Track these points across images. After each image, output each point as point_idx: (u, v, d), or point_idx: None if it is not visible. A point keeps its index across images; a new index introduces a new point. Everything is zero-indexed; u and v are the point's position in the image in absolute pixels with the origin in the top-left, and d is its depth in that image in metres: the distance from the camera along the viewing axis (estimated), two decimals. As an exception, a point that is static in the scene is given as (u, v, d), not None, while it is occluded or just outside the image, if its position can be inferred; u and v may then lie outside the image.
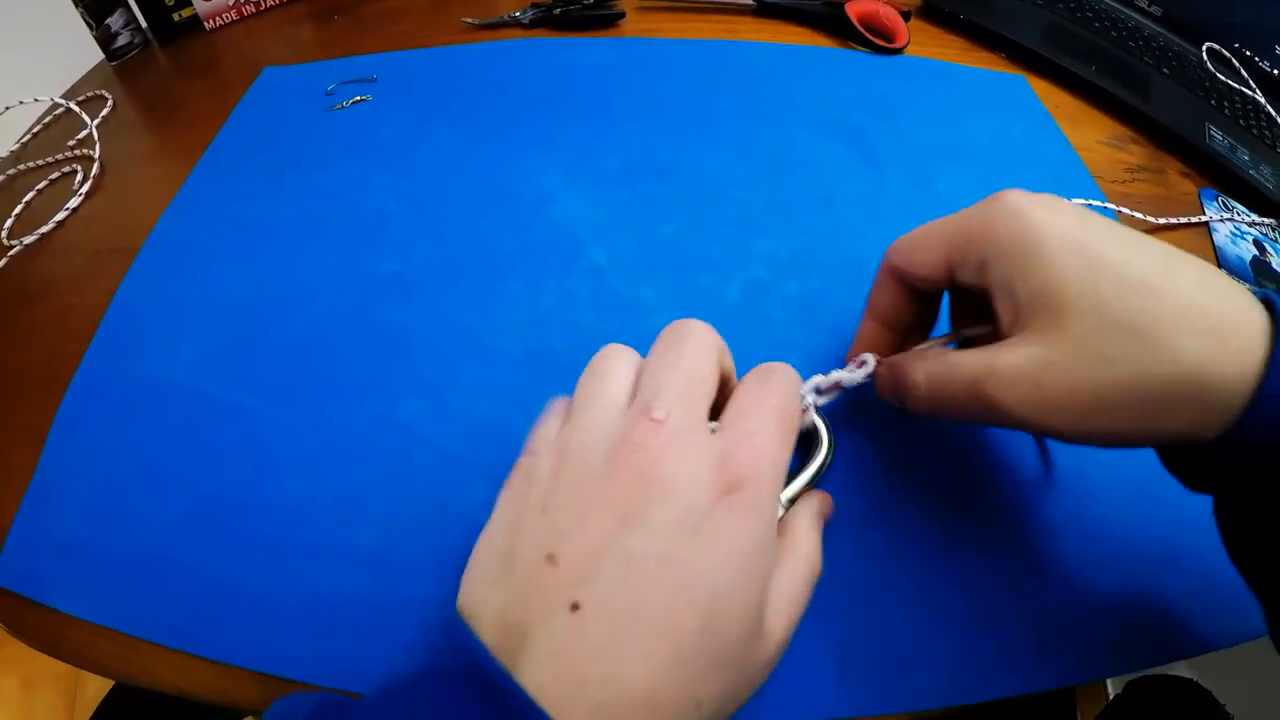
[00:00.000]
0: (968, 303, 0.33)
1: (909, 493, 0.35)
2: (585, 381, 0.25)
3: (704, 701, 0.20)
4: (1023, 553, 0.33)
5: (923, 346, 0.32)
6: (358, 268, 0.45)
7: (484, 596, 0.21)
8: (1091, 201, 0.49)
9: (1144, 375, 0.23)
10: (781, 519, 0.27)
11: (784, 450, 0.24)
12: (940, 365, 0.28)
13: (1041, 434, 0.29)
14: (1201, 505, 0.28)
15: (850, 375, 0.31)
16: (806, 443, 0.30)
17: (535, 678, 0.18)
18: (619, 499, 0.21)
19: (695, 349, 0.25)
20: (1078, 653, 0.30)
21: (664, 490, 0.21)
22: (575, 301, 0.43)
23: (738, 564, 0.21)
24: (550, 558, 0.20)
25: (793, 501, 0.28)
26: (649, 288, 0.44)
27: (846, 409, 0.36)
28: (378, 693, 0.20)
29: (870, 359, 0.31)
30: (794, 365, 0.27)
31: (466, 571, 0.22)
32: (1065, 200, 0.26)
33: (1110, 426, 0.24)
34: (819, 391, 0.31)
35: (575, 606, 0.19)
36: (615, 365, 0.25)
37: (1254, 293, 0.24)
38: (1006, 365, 0.25)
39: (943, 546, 0.33)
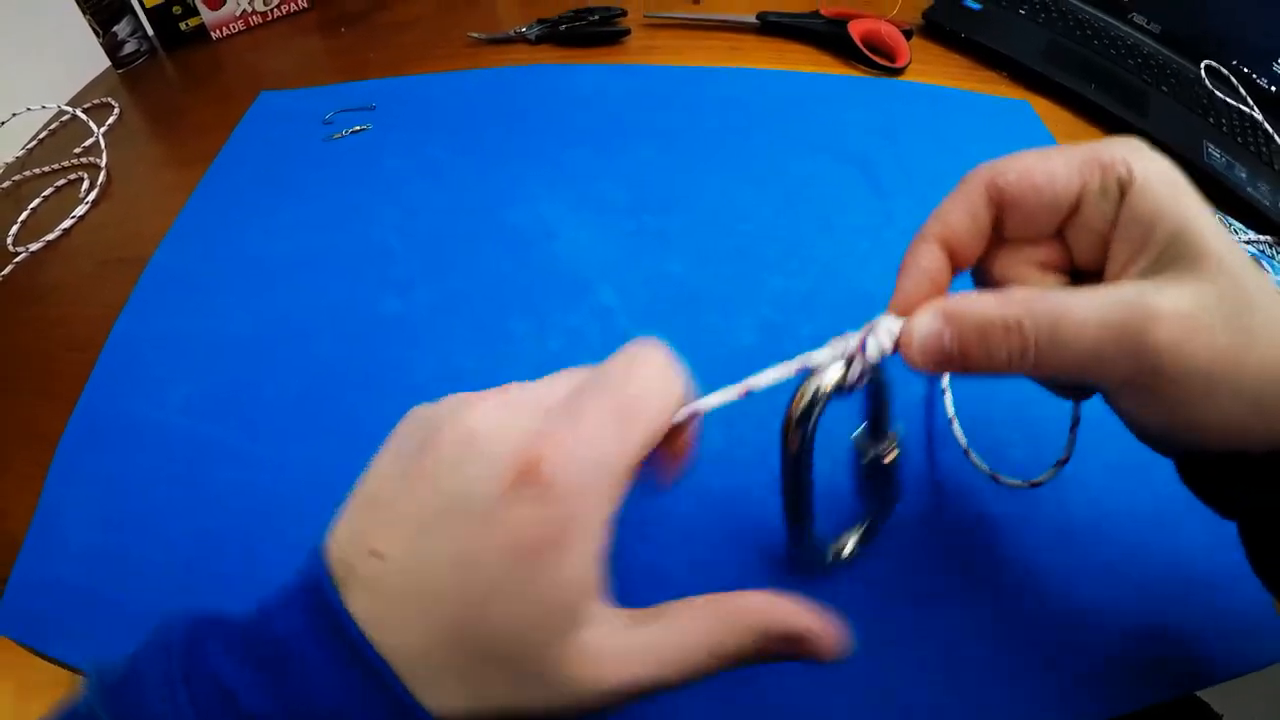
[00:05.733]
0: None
1: (918, 544, 0.34)
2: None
3: (485, 694, 0.19)
4: (1036, 595, 0.33)
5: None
6: (358, 305, 0.45)
7: (334, 527, 0.22)
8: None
9: (1268, 360, 0.20)
10: None
11: (617, 447, 0.20)
12: (1062, 302, 0.21)
13: (1174, 424, 0.22)
14: (1209, 538, 0.28)
15: (880, 339, 0.24)
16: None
17: (359, 604, 0.20)
18: (439, 455, 0.21)
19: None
20: (1097, 689, 0.30)
21: (464, 456, 0.20)
22: (583, 343, 0.42)
23: (511, 560, 0.19)
24: (373, 501, 0.22)
25: None
26: (659, 329, 0.43)
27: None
28: (246, 613, 0.21)
29: (889, 321, 0.24)
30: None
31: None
32: None
33: (1243, 418, 0.21)
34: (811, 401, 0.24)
35: (375, 554, 0.20)
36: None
37: None
38: (1174, 304, 0.20)
39: (958, 595, 0.33)
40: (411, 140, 0.56)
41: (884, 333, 0.24)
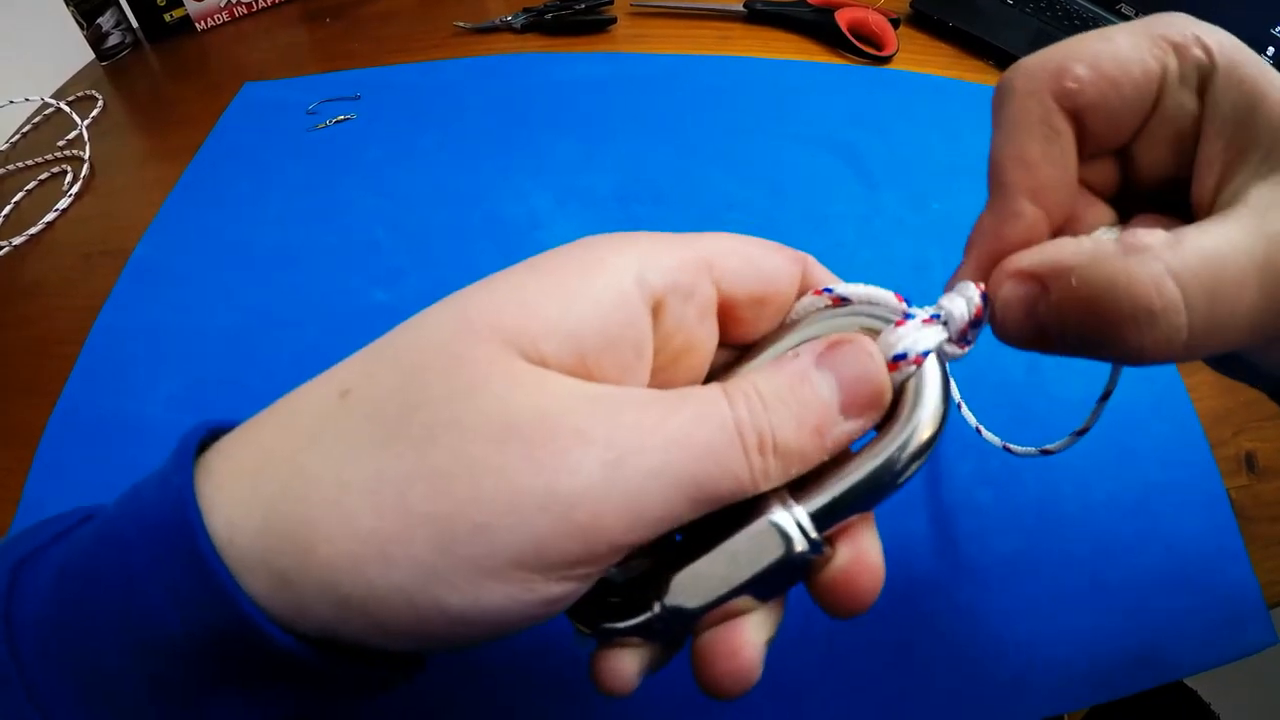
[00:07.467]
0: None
1: (897, 532, 0.34)
2: None
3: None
4: (1021, 583, 0.33)
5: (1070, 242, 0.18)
6: (344, 297, 0.45)
7: None
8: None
9: None
10: None
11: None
12: (1193, 248, 0.16)
13: None
14: (1195, 526, 0.28)
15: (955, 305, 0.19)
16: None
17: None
18: None
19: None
20: (1083, 676, 0.31)
21: None
22: None
23: None
24: None
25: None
26: None
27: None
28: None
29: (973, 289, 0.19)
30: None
31: None
32: None
33: None
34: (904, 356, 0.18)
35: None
36: None
37: None
38: None
39: (941, 583, 0.33)
40: (397, 130, 0.56)
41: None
